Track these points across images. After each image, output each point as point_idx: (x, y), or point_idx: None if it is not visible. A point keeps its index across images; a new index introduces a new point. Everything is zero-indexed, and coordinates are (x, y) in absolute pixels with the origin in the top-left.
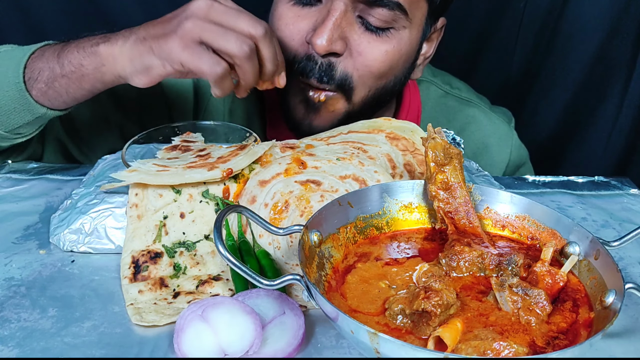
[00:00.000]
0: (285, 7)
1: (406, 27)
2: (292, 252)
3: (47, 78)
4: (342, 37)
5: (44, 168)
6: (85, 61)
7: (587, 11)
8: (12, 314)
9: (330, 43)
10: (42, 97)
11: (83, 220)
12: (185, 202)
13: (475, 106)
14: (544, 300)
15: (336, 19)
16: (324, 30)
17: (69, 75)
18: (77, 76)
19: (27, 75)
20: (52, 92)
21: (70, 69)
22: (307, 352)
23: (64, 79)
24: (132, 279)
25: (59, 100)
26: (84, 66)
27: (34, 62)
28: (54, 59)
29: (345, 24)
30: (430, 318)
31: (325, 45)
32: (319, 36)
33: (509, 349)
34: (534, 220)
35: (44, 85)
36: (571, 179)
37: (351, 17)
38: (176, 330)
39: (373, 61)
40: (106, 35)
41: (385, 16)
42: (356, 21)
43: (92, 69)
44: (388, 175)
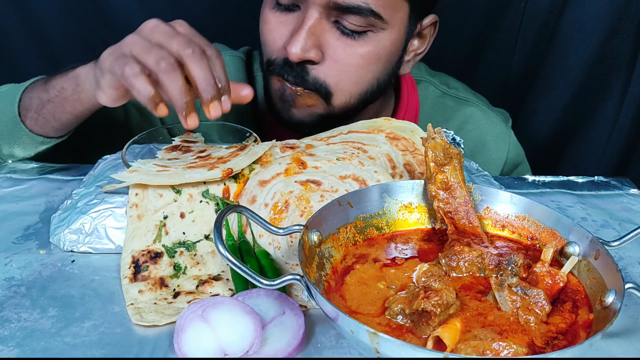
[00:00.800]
0: (269, 12)
1: (385, 29)
2: (292, 252)
3: (37, 105)
4: (317, 44)
5: (44, 168)
6: (66, 84)
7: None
8: (12, 314)
9: (304, 51)
10: (35, 126)
11: (83, 220)
12: (185, 202)
13: (473, 105)
14: (543, 300)
15: (310, 27)
16: (297, 38)
17: (53, 100)
18: (60, 100)
19: (21, 107)
20: (42, 118)
21: (54, 93)
22: (307, 352)
23: (49, 104)
24: (132, 278)
25: (48, 126)
26: (65, 89)
27: (26, 94)
28: (42, 87)
29: (320, 31)
30: (430, 318)
31: (299, 54)
32: (292, 45)
33: (508, 349)
34: (534, 220)
35: (34, 113)
36: (571, 179)
37: (326, 23)
38: (176, 330)
39: (349, 66)
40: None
41: (359, 21)
42: (332, 27)
43: (71, 91)
44: (388, 175)
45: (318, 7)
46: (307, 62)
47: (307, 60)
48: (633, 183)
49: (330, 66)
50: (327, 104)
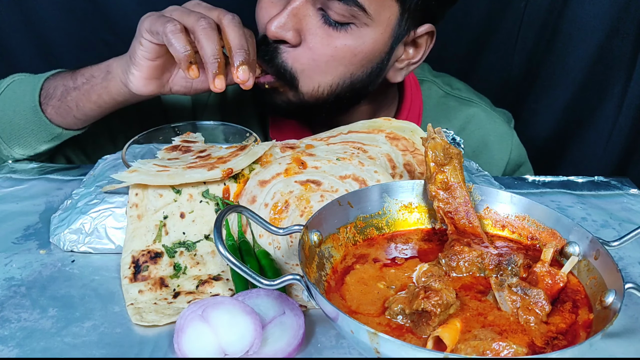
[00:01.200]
0: None
1: (368, 25)
2: (292, 252)
3: (61, 93)
4: (296, 27)
5: (44, 168)
6: (96, 72)
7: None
8: (12, 314)
9: (280, 29)
10: (55, 115)
11: (83, 220)
12: (185, 202)
13: (476, 105)
14: (543, 300)
15: (293, 8)
16: (278, 16)
17: (80, 88)
18: (87, 87)
19: (42, 95)
20: (64, 107)
21: (82, 80)
22: (307, 352)
23: (75, 91)
24: (132, 278)
25: (70, 115)
26: (94, 77)
27: (49, 82)
28: (68, 76)
29: (303, 15)
30: (430, 318)
31: (275, 31)
32: (272, 21)
33: (508, 349)
34: (534, 220)
35: (57, 101)
36: (571, 179)
37: (311, 9)
38: (176, 330)
39: (322, 55)
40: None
41: (343, 10)
42: (317, 14)
43: (101, 79)
44: (388, 175)
45: None
46: (282, 42)
47: (282, 40)
48: (633, 183)
49: (303, 52)
50: (294, 90)
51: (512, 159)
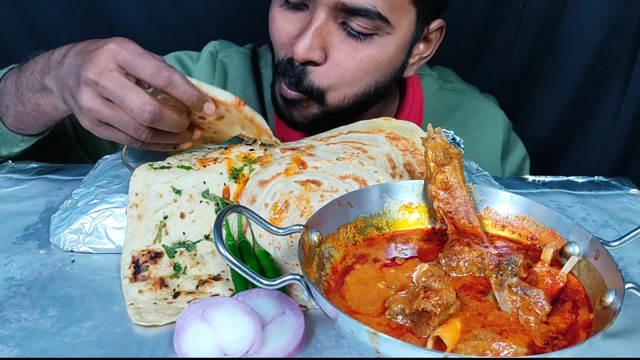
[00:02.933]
0: (277, 10)
1: (390, 34)
2: (292, 252)
3: (15, 115)
4: (322, 46)
5: (44, 168)
6: (41, 100)
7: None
8: (12, 314)
9: (309, 52)
10: (16, 128)
11: (83, 220)
12: (185, 202)
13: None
14: (543, 300)
15: (317, 28)
16: (304, 38)
17: (32, 114)
18: (40, 114)
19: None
20: (23, 125)
21: (31, 107)
22: (307, 352)
23: (29, 116)
24: (132, 278)
25: (31, 130)
26: (41, 105)
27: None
28: (14, 94)
29: (326, 32)
30: (430, 318)
31: (305, 54)
32: (298, 44)
33: (508, 349)
34: (534, 220)
35: (13, 120)
36: (571, 179)
37: (333, 25)
38: (176, 330)
39: (348, 68)
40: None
41: (366, 24)
42: (339, 29)
43: (50, 108)
44: (388, 175)
45: (326, 8)
46: (309, 62)
47: (310, 61)
48: (633, 183)
49: (329, 69)
50: (320, 104)
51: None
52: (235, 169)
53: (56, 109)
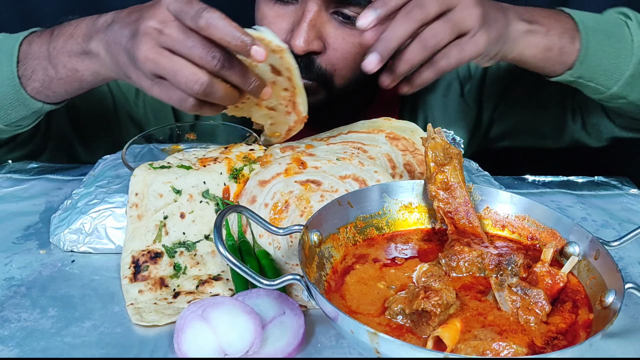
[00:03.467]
0: (266, 6)
1: None
2: (292, 252)
3: (42, 80)
4: (318, 36)
5: (44, 168)
6: (80, 66)
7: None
8: (12, 314)
9: (308, 44)
10: (38, 95)
11: (83, 220)
12: (185, 202)
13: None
14: (543, 300)
15: (310, 20)
16: (300, 32)
17: (65, 79)
18: (75, 79)
19: (20, 71)
20: (49, 92)
21: (66, 73)
22: (307, 352)
23: (61, 81)
24: (132, 278)
25: (57, 97)
26: (79, 71)
27: (25, 58)
28: (44, 58)
29: (320, 23)
30: (430, 318)
31: (303, 47)
32: (295, 38)
33: (508, 349)
34: (534, 220)
35: (39, 85)
36: (571, 179)
37: (325, 15)
38: (176, 330)
39: (348, 54)
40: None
41: (358, 10)
42: (331, 18)
43: (89, 74)
44: (388, 175)
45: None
46: (310, 53)
47: (311, 51)
48: (633, 183)
49: (331, 55)
50: (328, 88)
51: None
52: (235, 169)
53: (96, 75)
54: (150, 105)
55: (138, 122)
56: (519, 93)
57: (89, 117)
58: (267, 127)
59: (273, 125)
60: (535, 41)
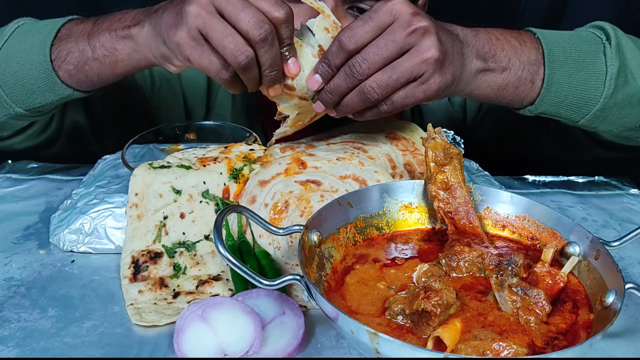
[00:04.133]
0: None
1: None
2: (292, 252)
3: (77, 61)
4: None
5: (44, 168)
6: (119, 45)
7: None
8: (12, 314)
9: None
10: (69, 79)
11: (83, 220)
12: (185, 202)
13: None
14: (543, 300)
15: None
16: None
17: (101, 59)
18: (111, 61)
19: (53, 55)
20: (82, 75)
21: (103, 52)
22: (307, 352)
23: (95, 62)
24: (132, 279)
25: (87, 83)
26: (117, 51)
27: (61, 41)
28: (83, 40)
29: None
30: (430, 318)
31: None
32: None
33: (509, 349)
34: (534, 220)
35: (72, 67)
36: (571, 179)
37: (341, 11)
38: (176, 330)
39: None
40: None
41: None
42: (346, 14)
43: (126, 55)
44: (388, 175)
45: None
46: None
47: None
48: (633, 183)
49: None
50: None
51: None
52: (235, 169)
53: (131, 55)
54: (164, 98)
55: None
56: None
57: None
58: (293, 117)
59: (300, 115)
60: (488, 80)
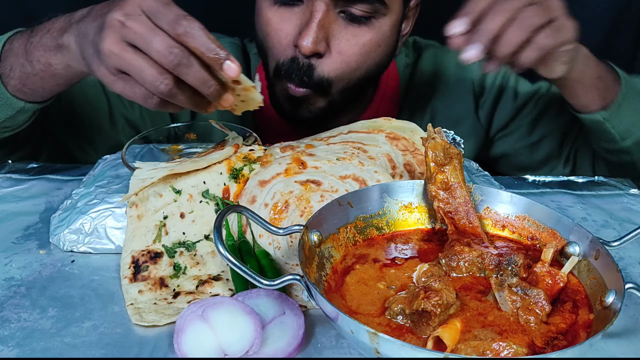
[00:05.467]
0: (270, 11)
1: (385, 15)
2: (292, 252)
3: (20, 76)
4: (324, 37)
5: (44, 168)
6: (53, 60)
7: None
8: (12, 314)
9: (316, 44)
10: (18, 93)
11: (83, 220)
12: (185, 202)
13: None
14: (543, 300)
15: (319, 20)
16: (309, 32)
17: (40, 74)
18: (49, 74)
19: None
20: (27, 89)
21: (40, 67)
22: (307, 352)
23: (36, 77)
24: (132, 279)
25: (35, 95)
26: (52, 65)
27: (5, 56)
28: (22, 54)
29: (327, 23)
30: (430, 318)
31: (311, 47)
32: (304, 38)
33: (508, 349)
34: (534, 220)
35: (17, 82)
36: (571, 179)
37: (333, 14)
38: (176, 330)
39: (352, 55)
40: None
41: (366, 8)
42: (338, 17)
43: (62, 68)
44: (388, 175)
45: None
46: (314, 55)
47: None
48: (633, 183)
49: (334, 59)
50: (327, 95)
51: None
52: (235, 169)
53: (68, 69)
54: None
55: (134, 124)
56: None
57: (83, 118)
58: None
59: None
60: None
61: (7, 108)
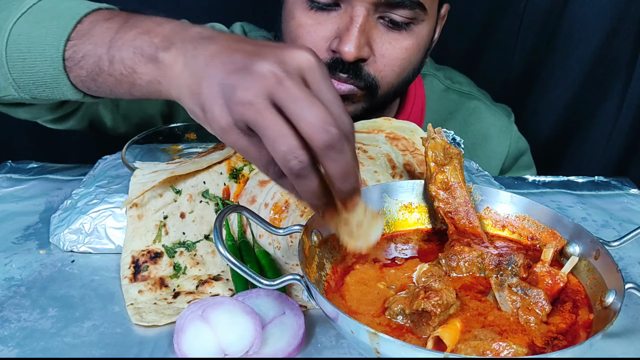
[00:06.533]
0: (303, 14)
1: (424, 21)
2: (292, 252)
3: (92, 68)
4: (367, 42)
5: (44, 168)
6: (140, 68)
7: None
8: (12, 314)
9: (359, 50)
10: (80, 84)
11: (83, 220)
12: (185, 202)
13: (476, 99)
14: (543, 300)
15: (360, 25)
16: (351, 38)
17: (117, 77)
18: (128, 81)
19: (67, 52)
20: (93, 85)
21: (121, 70)
22: (307, 352)
23: (111, 78)
24: (132, 278)
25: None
26: (136, 73)
27: (80, 38)
28: (104, 46)
29: (368, 28)
30: (430, 318)
31: (354, 53)
32: (346, 44)
33: (508, 349)
34: (534, 220)
35: (85, 74)
36: (571, 179)
37: (372, 20)
38: (176, 330)
39: (395, 60)
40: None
41: (407, 14)
42: (377, 23)
43: (146, 82)
44: (388, 175)
45: (365, 4)
46: (359, 60)
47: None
48: (633, 183)
49: (379, 62)
50: (372, 96)
51: (511, 152)
52: (235, 169)
53: (152, 85)
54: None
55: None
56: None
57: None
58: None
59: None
60: None
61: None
